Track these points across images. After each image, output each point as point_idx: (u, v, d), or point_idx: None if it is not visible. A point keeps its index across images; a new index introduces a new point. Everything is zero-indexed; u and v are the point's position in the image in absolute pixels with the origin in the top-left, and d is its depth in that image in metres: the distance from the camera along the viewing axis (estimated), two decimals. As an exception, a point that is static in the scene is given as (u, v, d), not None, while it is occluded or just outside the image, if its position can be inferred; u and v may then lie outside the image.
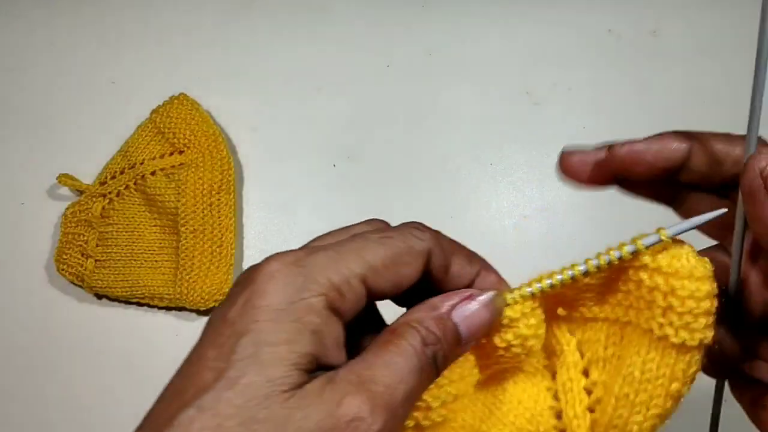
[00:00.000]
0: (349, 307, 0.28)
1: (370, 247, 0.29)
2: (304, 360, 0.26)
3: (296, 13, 0.78)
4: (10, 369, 0.66)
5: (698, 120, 0.73)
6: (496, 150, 0.72)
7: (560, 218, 0.70)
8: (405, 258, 0.29)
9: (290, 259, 0.28)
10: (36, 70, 0.77)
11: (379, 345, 0.28)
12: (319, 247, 0.29)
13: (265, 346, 0.26)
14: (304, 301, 0.27)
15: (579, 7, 0.77)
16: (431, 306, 0.30)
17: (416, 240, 0.30)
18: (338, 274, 0.27)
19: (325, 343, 0.27)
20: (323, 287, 0.27)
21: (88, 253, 0.67)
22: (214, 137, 0.70)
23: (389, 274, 0.29)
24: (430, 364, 0.28)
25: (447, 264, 0.31)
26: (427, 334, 0.28)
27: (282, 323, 0.26)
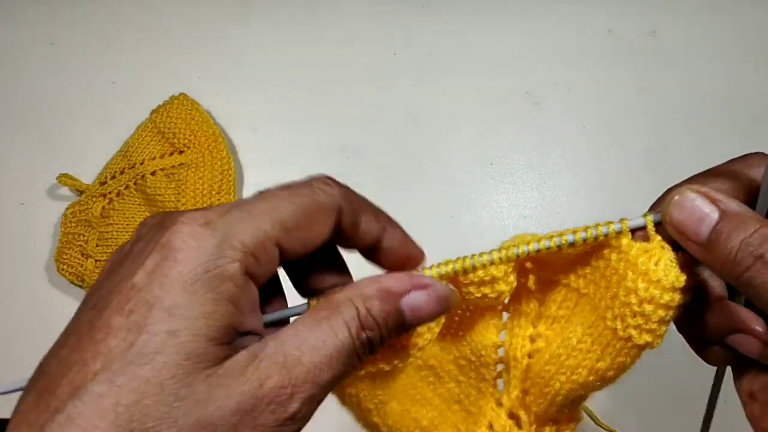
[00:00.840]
0: (264, 271, 0.27)
1: (282, 207, 0.27)
2: (222, 333, 0.25)
3: (296, 13, 0.78)
4: (10, 369, 0.66)
5: (698, 120, 0.73)
6: (496, 150, 0.72)
7: (560, 218, 0.70)
8: (317, 216, 0.28)
9: (201, 221, 0.26)
10: (36, 70, 0.77)
11: (313, 319, 0.27)
12: (231, 207, 0.27)
13: (181, 320, 0.24)
14: (220, 269, 0.25)
15: (579, 7, 0.77)
16: (382, 287, 0.28)
17: (326, 196, 0.29)
18: (253, 237, 0.26)
19: (243, 311, 0.26)
20: (238, 253, 0.26)
21: (88, 253, 0.67)
22: (214, 137, 0.70)
23: (302, 234, 0.28)
24: (363, 349, 0.27)
25: (357, 221, 0.30)
26: (367, 319, 0.27)
27: (198, 295, 0.25)
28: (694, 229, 0.28)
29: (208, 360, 0.25)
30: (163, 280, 0.25)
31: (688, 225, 0.28)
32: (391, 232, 0.31)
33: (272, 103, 0.74)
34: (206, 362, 0.25)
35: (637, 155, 0.71)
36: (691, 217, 0.28)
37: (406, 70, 0.75)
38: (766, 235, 0.26)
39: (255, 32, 0.77)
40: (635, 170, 0.70)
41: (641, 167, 0.70)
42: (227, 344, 0.25)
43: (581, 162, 0.71)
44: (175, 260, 0.25)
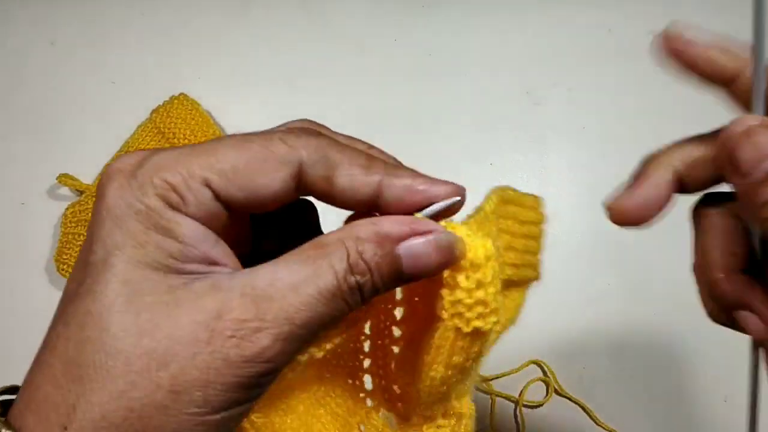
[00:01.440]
0: (196, 212, 0.25)
1: (221, 150, 0.26)
2: (162, 261, 0.24)
3: (296, 13, 0.78)
4: (10, 369, 0.66)
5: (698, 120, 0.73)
6: (496, 150, 0.72)
7: (560, 218, 0.70)
8: (262, 165, 0.26)
9: (132, 160, 0.26)
10: (36, 70, 0.77)
11: (296, 257, 0.25)
12: (167, 148, 0.26)
13: (113, 248, 0.24)
14: (143, 203, 0.24)
15: (579, 7, 0.77)
16: (378, 228, 0.26)
17: (283, 147, 0.26)
18: (176, 174, 0.25)
19: (185, 241, 0.25)
20: (159, 189, 0.25)
21: (88, 253, 0.67)
22: (214, 137, 0.70)
23: (240, 180, 0.25)
24: (352, 294, 0.25)
25: (329, 176, 0.27)
26: (357, 261, 0.25)
27: (125, 226, 0.24)
28: (751, 163, 0.26)
29: (153, 288, 0.24)
30: (98, 216, 0.25)
31: (745, 157, 0.26)
32: (391, 183, 0.27)
33: (272, 103, 0.74)
34: (150, 290, 0.24)
35: (637, 155, 0.71)
36: (753, 152, 0.26)
37: (406, 70, 0.75)
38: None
39: (255, 32, 0.77)
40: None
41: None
42: (177, 274, 0.24)
43: (581, 162, 0.71)
44: (104, 197, 0.25)
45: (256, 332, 0.23)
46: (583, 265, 0.66)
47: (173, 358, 0.23)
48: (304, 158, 0.26)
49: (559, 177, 0.71)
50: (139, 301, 0.23)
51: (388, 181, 0.27)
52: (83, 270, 0.25)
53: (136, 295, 0.23)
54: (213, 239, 0.26)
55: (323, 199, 0.28)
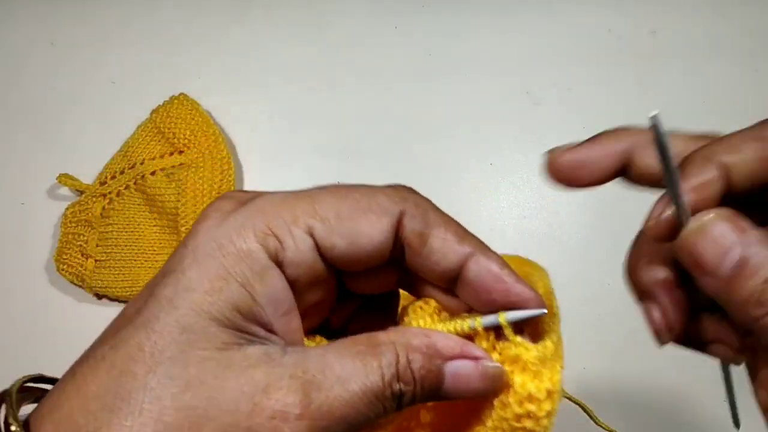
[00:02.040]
0: (293, 260, 0.24)
1: (325, 197, 0.25)
2: (227, 315, 0.23)
3: (296, 13, 0.78)
4: (10, 369, 0.66)
5: (698, 120, 0.73)
6: (496, 150, 0.72)
7: (560, 218, 0.70)
8: (365, 214, 0.25)
9: (236, 198, 0.25)
10: (36, 70, 0.77)
11: (348, 348, 0.24)
12: (270, 192, 0.25)
13: (183, 291, 0.23)
14: (235, 246, 0.23)
15: (579, 7, 0.77)
16: (431, 342, 0.25)
17: (386, 198, 0.26)
18: (278, 219, 0.24)
19: (259, 301, 0.24)
20: (259, 231, 0.24)
21: (88, 253, 0.67)
22: (214, 137, 0.70)
23: (342, 227, 0.25)
24: (392, 401, 0.24)
25: (425, 233, 0.26)
26: (405, 370, 0.24)
27: (206, 269, 0.23)
28: (714, 261, 0.24)
29: (208, 341, 0.23)
30: (182, 250, 0.24)
31: (707, 256, 0.24)
32: (479, 261, 0.26)
33: (272, 103, 0.74)
34: (205, 343, 0.23)
35: (637, 155, 0.71)
36: (713, 248, 0.24)
37: (406, 70, 0.75)
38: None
39: (255, 32, 0.77)
40: (635, 170, 0.70)
41: (641, 167, 0.70)
42: (235, 331, 0.23)
43: (581, 162, 0.71)
44: (196, 233, 0.24)
45: (297, 420, 0.23)
46: (582, 265, 0.66)
47: (209, 422, 0.22)
48: (405, 210, 0.26)
49: (559, 177, 0.71)
50: (192, 353, 0.23)
51: (477, 257, 0.27)
52: (147, 299, 0.24)
53: (190, 345, 0.23)
54: (287, 306, 0.25)
55: (412, 261, 0.27)
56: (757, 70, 0.73)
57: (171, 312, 0.23)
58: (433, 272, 0.27)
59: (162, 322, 0.23)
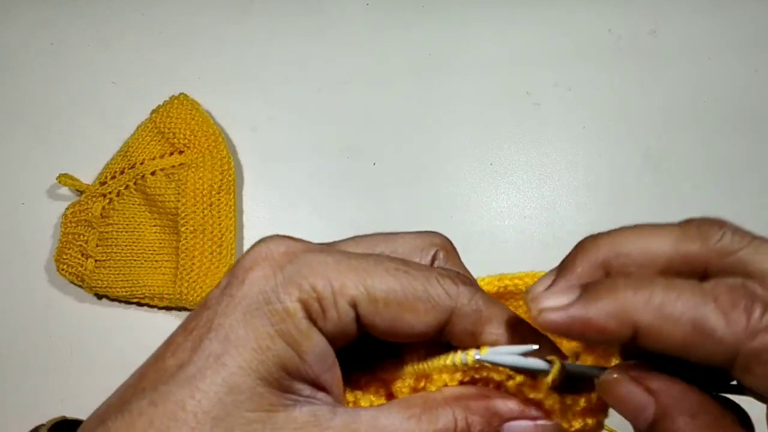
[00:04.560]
0: (332, 328, 0.23)
1: (378, 273, 0.24)
2: (275, 374, 0.22)
3: (296, 13, 0.78)
4: (10, 369, 0.66)
5: (698, 120, 0.73)
6: (496, 150, 0.72)
7: (560, 218, 0.70)
8: (416, 304, 0.24)
9: (283, 249, 0.24)
10: (36, 70, 0.77)
11: (402, 411, 0.23)
12: (322, 248, 0.25)
13: (232, 347, 0.22)
14: (281, 304, 0.23)
15: (579, 7, 0.77)
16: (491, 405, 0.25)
17: (441, 291, 0.24)
18: (327, 285, 0.23)
19: (305, 358, 0.23)
20: (303, 293, 0.23)
21: (88, 253, 0.67)
22: (214, 137, 0.70)
23: (388, 313, 0.24)
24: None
25: (476, 332, 0.25)
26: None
27: (254, 324, 0.22)
28: (631, 417, 0.24)
29: (255, 402, 0.22)
30: (228, 300, 0.23)
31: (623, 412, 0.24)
32: None
33: (272, 103, 0.74)
34: (252, 404, 0.22)
35: (637, 155, 0.71)
36: (626, 407, 0.24)
37: (406, 70, 0.75)
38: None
39: (255, 32, 0.77)
40: (635, 170, 0.70)
41: (641, 167, 0.70)
42: (282, 391, 0.23)
43: (581, 162, 0.71)
44: (242, 282, 0.23)
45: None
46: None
47: None
48: (457, 308, 0.25)
49: (559, 177, 0.71)
50: (238, 415, 0.22)
51: None
52: (191, 350, 0.22)
53: (236, 406, 0.22)
54: (330, 362, 0.24)
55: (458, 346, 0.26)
56: (757, 70, 0.73)
57: (218, 370, 0.22)
58: None
59: (208, 381, 0.22)
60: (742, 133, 0.70)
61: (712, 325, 0.22)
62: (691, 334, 0.22)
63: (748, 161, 0.70)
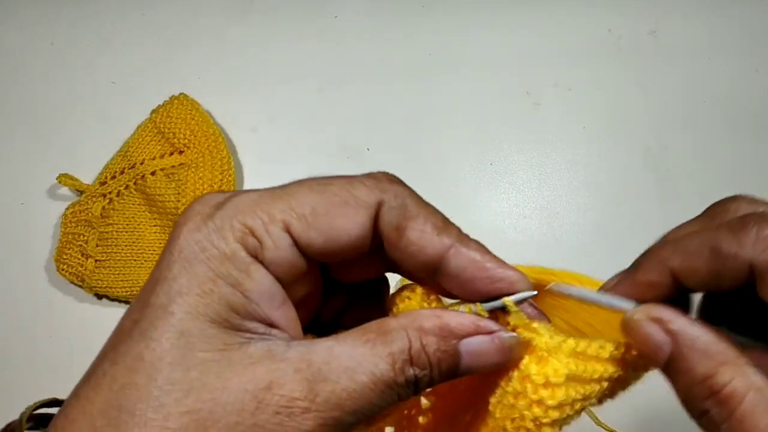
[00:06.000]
0: (273, 258, 0.24)
1: (301, 193, 0.25)
2: (223, 314, 0.23)
3: (296, 13, 0.78)
4: (10, 369, 0.66)
5: (698, 120, 0.73)
6: (496, 150, 0.72)
7: (560, 218, 0.70)
8: (342, 208, 0.25)
9: (212, 201, 0.25)
10: (36, 70, 0.77)
11: (356, 338, 0.24)
12: (247, 191, 0.25)
13: (176, 295, 0.23)
14: (217, 248, 0.23)
15: (579, 7, 0.77)
16: (443, 323, 0.25)
17: (364, 189, 0.25)
18: (255, 218, 0.24)
19: (251, 297, 0.24)
20: (237, 232, 0.24)
21: (88, 253, 0.67)
22: (214, 137, 0.70)
23: (320, 223, 0.24)
24: (407, 388, 0.24)
25: (402, 225, 0.26)
26: (420, 354, 0.24)
27: (194, 272, 0.23)
28: (651, 354, 0.25)
29: (207, 342, 0.23)
30: (168, 256, 0.24)
31: (643, 350, 0.26)
32: (460, 252, 0.26)
33: (272, 103, 0.74)
34: (204, 344, 0.23)
35: (637, 155, 0.71)
36: (646, 345, 0.25)
37: (406, 70, 0.75)
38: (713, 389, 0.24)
39: (255, 32, 0.77)
40: (635, 170, 0.70)
41: (641, 167, 0.70)
42: (235, 330, 0.23)
43: (581, 162, 0.71)
44: (178, 237, 0.24)
45: (304, 413, 0.22)
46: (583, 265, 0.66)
47: (214, 423, 0.22)
48: (383, 201, 0.25)
49: (559, 177, 0.71)
50: (192, 356, 0.22)
51: (457, 249, 0.26)
52: (142, 310, 0.24)
53: (190, 348, 0.23)
54: (280, 299, 0.25)
55: (390, 252, 0.26)
56: (757, 70, 0.73)
57: (167, 318, 0.23)
58: (412, 264, 0.26)
59: (159, 330, 0.23)
60: (742, 133, 0.70)
61: (726, 247, 0.25)
62: (714, 261, 0.26)
63: (748, 161, 0.70)
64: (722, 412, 0.24)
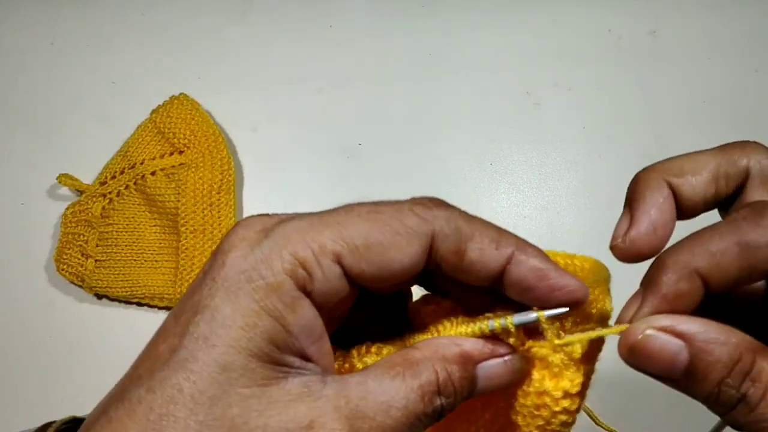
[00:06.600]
0: (321, 289, 0.24)
1: (352, 222, 0.24)
2: (264, 349, 0.23)
3: (296, 13, 0.78)
4: (10, 368, 0.66)
5: (698, 120, 0.73)
6: (496, 150, 0.72)
7: (560, 218, 0.70)
8: (394, 238, 0.24)
9: (259, 226, 0.24)
10: (36, 70, 0.77)
11: (385, 372, 0.24)
12: (297, 215, 0.25)
13: (219, 327, 0.22)
14: (264, 280, 0.23)
15: (579, 7, 0.77)
16: (464, 351, 0.26)
17: (415, 219, 0.25)
18: (306, 248, 0.23)
19: (292, 331, 0.23)
20: (287, 263, 0.23)
21: (88, 253, 0.67)
22: (214, 137, 0.70)
23: (372, 255, 0.24)
24: (432, 417, 0.25)
25: (461, 249, 0.26)
26: (446, 384, 0.25)
27: (239, 303, 0.23)
28: (666, 370, 0.26)
29: (248, 378, 0.22)
30: (211, 283, 0.23)
31: (657, 367, 0.26)
32: (520, 261, 0.26)
33: (272, 103, 0.74)
34: (245, 380, 0.22)
35: (637, 155, 0.71)
36: (660, 360, 0.26)
37: (406, 70, 0.75)
38: (744, 370, 0.24)
39: (255, 32, 0.77)
40: (635, 170, 0.70)
41: (641, 167, 0.70)
42: (273, 365, 0.23)
43: (581, 162, 0.71)
44: (223, 264, 0.23)
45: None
46: (583, 265, 0.66)
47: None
48: (436, 230, 0.25)
49: (559, 177, 0.71)
50: (233, 392, 0.22)
51: (518, 258, 0.26)
52: (181, 338, 0.23)
53: (231, 384, 0.22)
54: (318, 332, 0.24)
55: (450, 274, 0.26)
56: (757, 70, 0.73)
57: (209, 351, 0.22)
58: (475, 280, 0.27)
59: (200, 362, 0.22)
60: (742, 133, 0.70)
61: (754, 237, 0.25)
62: (743, 255, 0.25)
63: (748, 161, 0.70)
64: (757, 391, 0.24)
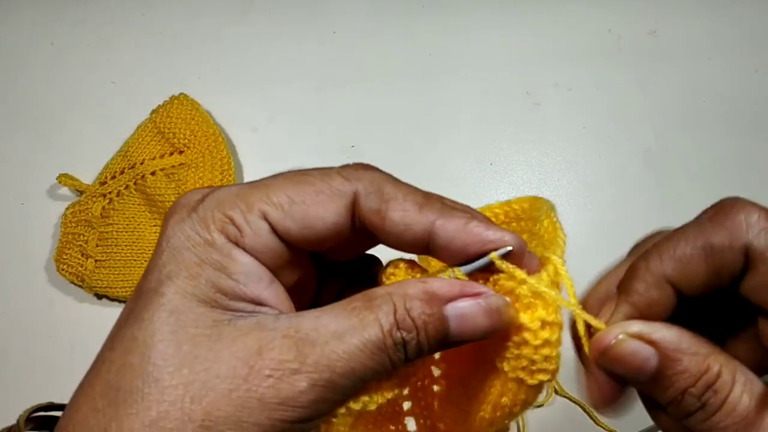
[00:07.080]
0: (254, 245, 0.25)
1: (278, 184, 0.26)
2: (212, 296, 0.24)
3: (296, 13, 0.78)
4: (10, 368, 0.66)
5: (698, 120, 0.73)
6: (496, 150, 0.72)
7: (560, 218, 0.69)
8: (318, 197, 0.26)
9: (196, 196, 0.27)
10: (36, 70, 0.77)
11: (343, 307, 0.25)
12: (228, 185, 0.27)
13: (166, 278, 0.25)
14: (200, 236, 0.25)
15: (579, 7, 0.77)
16: (427, 287, 0.25)
17: (339, 179, 0.27)
18: (234, 208, 0.25)
19: (236, 279, 0.25)
20: (218, 222, 0.25)
21: (88, 253, 0.67)
22: (214, 137, 0.70)
23: (296, 212, 0.26)
24: (395, 351, 0.24)
25: (382, 209, 0.26)
26: (404, 318, 0.24)
27: (182, 258, 0.25)
28: (634, 374, 0.26)
29: (198, 320, 0.24)
30: (158, 248, 0.26)
31: (626, 371, 0.27)
32: (444, 224, 0.26)
33: (272, 103, 0.74)
34: (195, 322, 0.24)
35: (637, 155, 0.71)
36: (632, 362, 0.26)
37: (406, 70, 0.75)
38: (709, 382, 0.25)
39: (255, 32, 0.77)
40: (635, 170, 0.70)
41: (641, 167, 0.70)
42: (222, 309, 0.25)
43: (581, 162, 0.71)
44: (165, 229, 0.26)
45: (294, 374, 0.23)
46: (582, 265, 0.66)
47: (208, 392, 0.23)
48: (358, 190, 0.27)
49: (559, 177, 0.71)
50: (183, 332, 0.24)
51: (442, 221, 0.26)
52: (136, 297, 0.25)
53: (180, 325, 0.24)
54: (267, 280, 0.26)
55: (378, 236, 0.27)
56: (757, 70, 0.73)
57: (157, 299, 0.24)
58: (403, 243, 0.27)
59: (150, 310, 0.24)
60: (742, 133, 0.70)
61: (719, 240, 0.26)
62: (710, 258, 0.26)
63: (748, 161, 0.70)
64: (717, 401, 0.25)
